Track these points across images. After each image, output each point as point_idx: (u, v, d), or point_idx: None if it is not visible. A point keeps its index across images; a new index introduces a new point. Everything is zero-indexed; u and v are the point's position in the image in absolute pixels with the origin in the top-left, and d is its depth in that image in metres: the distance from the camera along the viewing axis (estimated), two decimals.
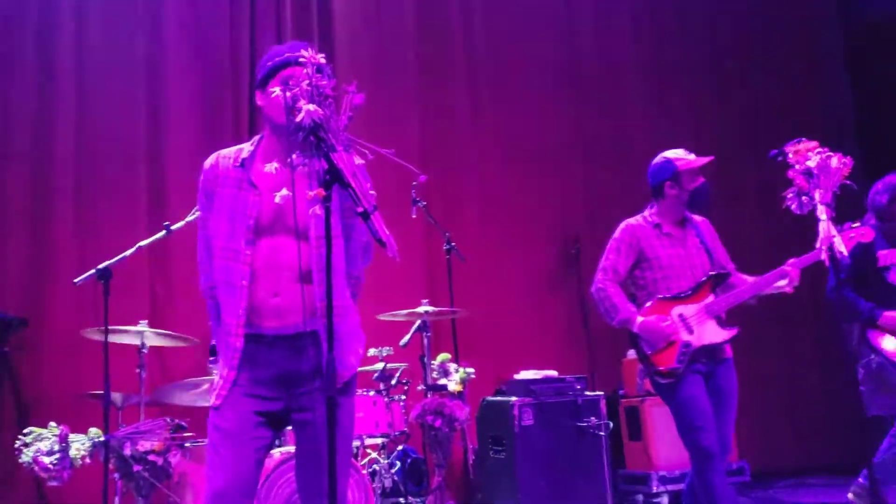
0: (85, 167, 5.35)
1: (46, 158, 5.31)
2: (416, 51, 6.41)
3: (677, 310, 3.59)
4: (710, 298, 3.61)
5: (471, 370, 5.04)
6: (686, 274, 3.64)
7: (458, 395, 4.95)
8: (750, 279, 3.65)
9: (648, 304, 3.64)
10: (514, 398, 4.90)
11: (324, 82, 2.08)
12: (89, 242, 5.07)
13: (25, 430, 4.08)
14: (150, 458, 4.02)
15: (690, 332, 3.55)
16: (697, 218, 3.80)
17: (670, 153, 3.76)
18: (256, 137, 2.49)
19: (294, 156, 2.16)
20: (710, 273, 3.64)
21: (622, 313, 3.62)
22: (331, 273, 2.07)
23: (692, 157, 3.73)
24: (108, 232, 5.09)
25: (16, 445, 4.03)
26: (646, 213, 3.78)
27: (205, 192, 2.46)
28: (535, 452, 4.80)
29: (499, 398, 5.09)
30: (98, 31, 5.52)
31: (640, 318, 3.59)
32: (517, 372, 5.25)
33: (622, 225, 3.77)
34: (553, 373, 5.20)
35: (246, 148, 2.47)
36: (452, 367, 5.01)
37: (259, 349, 2.36)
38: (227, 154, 2.47)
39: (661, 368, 3.54)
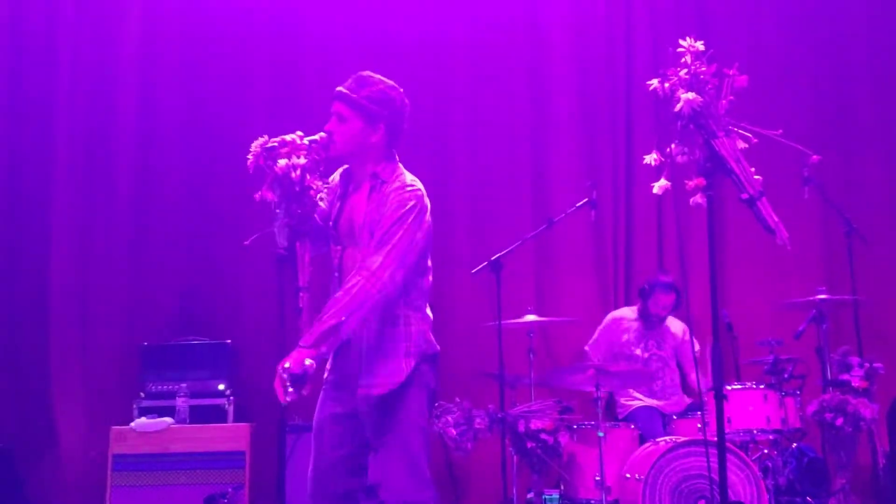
0: (479, 172, 5.79)
1: (446, 163, 5.78)
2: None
3: None
4: None
5: (878, 365, 4.57)
6: None
7: (864, 392, 4.52)
8: None
9: None
10: None
11: (703, 69, 2.03)
12: (476, 238, 5.51)
13: (436, 404, 4.57)
14: (542, 436, 4.27)
15: None
16: None
17: None
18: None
19: (672, 145, 2.14)
20: None
21: None
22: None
23: None
24: (497, 227, 5.48)
25: None
26: None
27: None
28: None
29: None
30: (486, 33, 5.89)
31: None
32: None
33: None
34: None
35: None
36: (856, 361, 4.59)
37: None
38: None
39: None
